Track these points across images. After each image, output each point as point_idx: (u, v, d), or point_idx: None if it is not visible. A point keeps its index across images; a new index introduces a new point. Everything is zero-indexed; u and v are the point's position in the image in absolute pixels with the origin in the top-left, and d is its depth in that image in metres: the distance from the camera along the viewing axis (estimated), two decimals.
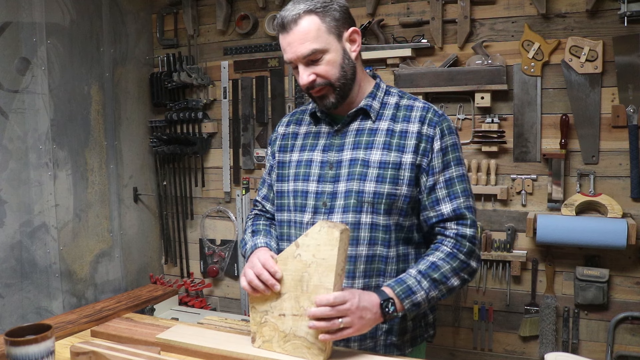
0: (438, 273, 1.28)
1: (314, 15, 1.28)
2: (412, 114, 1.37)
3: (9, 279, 2.25)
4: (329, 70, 1.31)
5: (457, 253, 1.31)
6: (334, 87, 1.33)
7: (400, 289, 1.25)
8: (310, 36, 1.28)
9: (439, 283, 1.29)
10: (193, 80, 2.82)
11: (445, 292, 1.31)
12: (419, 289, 1.26)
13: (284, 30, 1.30)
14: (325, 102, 1.35)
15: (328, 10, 1.30)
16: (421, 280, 1.27)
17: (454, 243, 1.32)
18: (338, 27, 1.31)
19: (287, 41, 1.30)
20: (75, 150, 2.54)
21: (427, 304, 1.29)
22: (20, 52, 2.27)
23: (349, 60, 1.34)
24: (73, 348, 1.23)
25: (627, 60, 2.08)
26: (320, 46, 1.28)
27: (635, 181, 2.11)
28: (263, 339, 1.26)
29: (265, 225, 1.53)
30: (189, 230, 3.03)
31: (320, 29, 1.28)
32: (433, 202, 1.34)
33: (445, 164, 1.34)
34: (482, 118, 2.33)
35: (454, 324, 2.45)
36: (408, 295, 1.25)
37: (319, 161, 1.40)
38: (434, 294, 1.28)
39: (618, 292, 2.19)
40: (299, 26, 1.28)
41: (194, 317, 2.47)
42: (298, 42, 1.28)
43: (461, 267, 1.31)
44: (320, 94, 1.34)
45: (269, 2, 2.69)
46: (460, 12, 2.30)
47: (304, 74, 1.31)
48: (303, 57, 1.29)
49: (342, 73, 1.32)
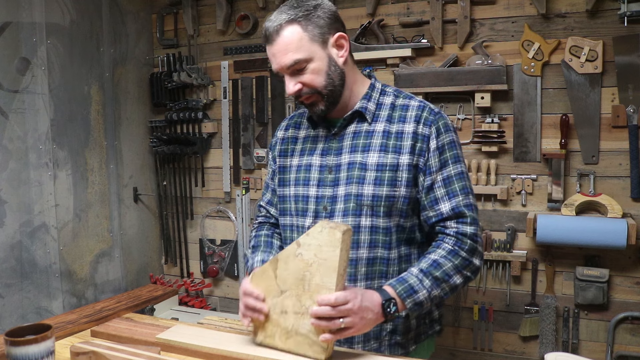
0: (440, 271, 1.28)
1: (295, 25, 1.27)
2: (408, 114, 1.36)
3: (9, 279, 2.25)
4: (315, 78, 1.30)
5: (458, 250, 1.30)
6: (322, 94, 1.32)
7: (402, 288, 1.24)
8: (292, 47, 1.27)
9: (441, 281, 1.28)
10: (193, 80, 2.82)
11: (448, 290, 1.29)
12: (421, 287, 1.25)
13: (268, 41, 1.31)
14: (315, 109, 1.36)
15: (311, 19, 1.28)
16: (423, 279, 1.26)
17: (455, 241, 1.31)
18: (322, 35, 1.30)
19: (272, 52, 1.30)
20: (75, 150, 2.54)
21: (429, 303, 1.27)
22: (20, 52, 2.27)
23: (335, 66, 1.32)
24: (73, 348, 1.23)
25: (627, 60, 2.08)
26: (303, 56, 1.28)
27: (635, 181, 2.11)
28: (265, 334, 1.26)
29: (266, 237, 1.53)
30: (189, 230, 3.03)
31: (302, 38, 1.27)
32: (432, 202, 1.34)
33: (443, 163, 1.34)
34: (482, 118, 2.33)
35: (454, 324, 2.45)
36: (410, 295, 1.24)
37: (318, 165, 1.40)
38: (436, 293, 1.27)
39: (618, 292, 2.19)
40: (281, 37, 1.27)
41: (194, 317, 2.47)
42: (281, 53, 1.28)
43: (463, 265, 1.30)
44: (309, 101, 1.34)
45: (269, 2, 2.69)
46: (460, 12, 2.30)
47: (290, 84, 1.31)
48: (287, 68, 1.29)
49: (328, 80, 1.31)
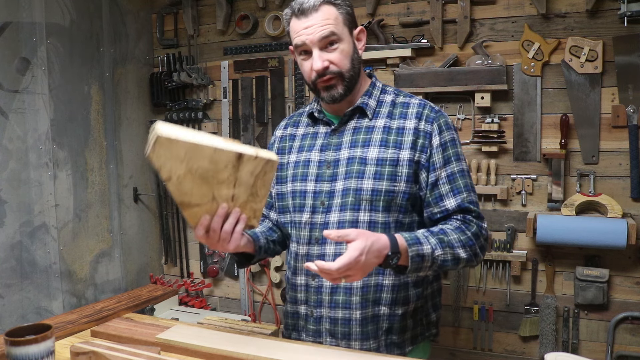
0: (446, 237, 1.28)
1: (332, 6, 1.33)
2: (409, 111, 1.37)
3: (9, 279, 2.25)
4: (342, 59, 1.33)
5: (464, 229, 1.31)
6: (344, 77, 1.34)
7: (409, 236, 1.23)
8: (331, 21, 1.31)
9: (446, 245, 1.26)
10: (193, 80, 2.82)
11: (449, 258, 1.27)
12: (426, 242, 1.24)
13: (303, 14, 1.31)
14: (333, 92, 1.35)
15: (343, 5, 1.35)
16: (429, 237, 1.26)
17: (461, 222, 1.32)
18: (351, 22, 1.36)
19: (305, 25, 1.31)
20: (75, 150, 2.54)
21: (430, 262, 1.24)
22: (20, 52, 2.27)
23: (357, 55, 1.38)
24: (73, 348, 1.23)
25: (627, 60, 2.08)
26: (338, 31, 1.32)
27: (635, 181, 2.11)
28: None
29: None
30: (189, 230, 3.03)
31: (338, 18, 1.33)
32: (437, 198, 1.34)
33: (446, 160, 1.35)
34: (482, 118, 2.33)
35: (454, 324, 2.45)
36: (415, 243, 1.22)
37: (317, 161, 1.40)
38: (439, 253, 1.25)
39: (618, 292, 2.19)
40: (320, 12, 1.31)
41: (194, 317, 2.47)
42: (318, 24, 1.30)
43: (468, 242, 1.30)
44: (329, 83, 1.34)
45: (269, 2, 2.69)
46: (460, 12, 2.30)
47: (319, 59, 1.31)
48: (320, 40, 1.30)
49: (351, 65, 1.35)
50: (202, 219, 1.15)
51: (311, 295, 1.40)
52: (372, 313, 1.36)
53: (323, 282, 1.38)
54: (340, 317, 1.36)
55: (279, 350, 1.26)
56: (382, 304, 1.36)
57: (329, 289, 1.37)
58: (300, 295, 1.44)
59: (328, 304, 1.38)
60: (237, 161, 1.11)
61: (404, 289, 1.37)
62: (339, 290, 1.36)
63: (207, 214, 1.15)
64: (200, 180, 1.10)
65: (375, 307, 1.35)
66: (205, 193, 1.13)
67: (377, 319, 1.36)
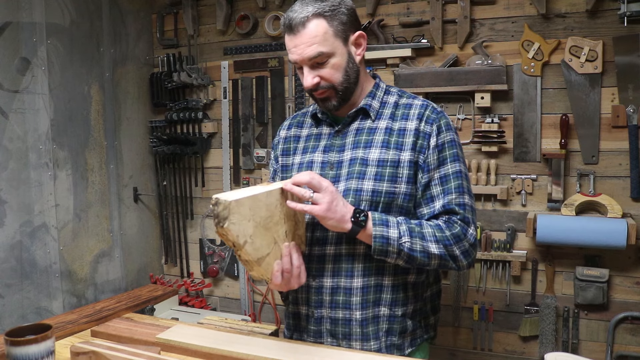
0: (419, 228, 1.28)
1: (322, 19, 1.29)
2: (411, 112, 1.38)
3: (9, 279, 2.25)
4: (333, 74, 1.32)
5: (444, 228, 1.30)
6: (337, 90, 1.34)
7: (378, 216, 1.26)
8: (318, 39, 1.28)
9: (417, 236, 1.27)
10: (193, 80, 2.82)
11: (418, 250, 1.27)
12: (395, 227, 1.26)
13: (291, 31, 1.30)
14: (327, 105, 1.37)
15: (336, 14, 1.30)
16: (401, 223, 1.27)
17: (444, 222, 1.32)
18: (345, 31, 1.32)
19: (294, 43, 1.30)
20: (75, 150, 2.54)
21: (396, 247, 1.25)
22: (20, 52, 2.27)
23: (353, 64, 1.35)
24: (73, 348, 1.23)
25: (627, 60, 2.08)
26: (326, 50, 1.29)
27: (635, 181, 2.11)
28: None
29: None
30: (189, 230, 3.03)
31: (327, 32, 1.29)
32: (427, 199, 1.35)
33: (441, 161, 1.35)
34: (482, 118, 2.33)
35: (454, 324, 2.45)
36: (382, 224, 1.25)
37: (320, 162, 1.41)
38: (406, 240, 1.25)
39: (618, 292, 2.19)
40: (307, 29, 1.28)
41: (194, 317, 2.47)
42: (305, 44, 1.28)
43: (444, 241, 1.29)
44: (323, 96, 1.35)
45: (269, 2, 2.69)
46: (460, 12, 2.30)
47: (309, 76, 1.31)
48: (309, 60, 1.30)
49: (345, 77, 1.33)
50: (274, 267, 1.20)
51: (312, 295, 1.40)
52: (372, 314, 1.36)
53: (324, 283, 1.38)
54: (341, 317, 1.37)
55: (279, 350, 1.26)
56: (382, 304, 1.36)
57: (329, 289, 1.37)
58: (301, 295, 1.44)
59: (328, 305, 1.38)
60: (281, 197, 1.19)
61: (403, 290, 1.37)
62: (339, 290, 1.36)
63: (277, 259, 1.21)
64: (264, 230, 1.16)
65: (375, 308, 1.36)
66: (269, 241, 1.18)
67: (378, 319, 1.36)
